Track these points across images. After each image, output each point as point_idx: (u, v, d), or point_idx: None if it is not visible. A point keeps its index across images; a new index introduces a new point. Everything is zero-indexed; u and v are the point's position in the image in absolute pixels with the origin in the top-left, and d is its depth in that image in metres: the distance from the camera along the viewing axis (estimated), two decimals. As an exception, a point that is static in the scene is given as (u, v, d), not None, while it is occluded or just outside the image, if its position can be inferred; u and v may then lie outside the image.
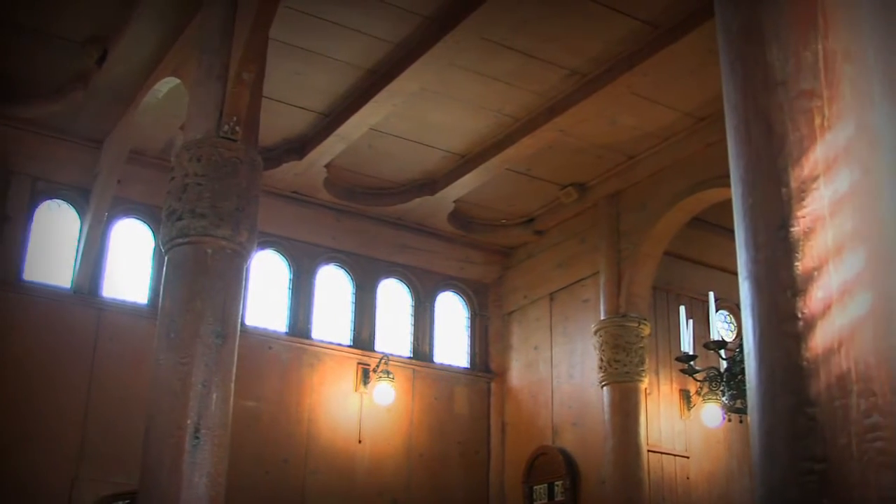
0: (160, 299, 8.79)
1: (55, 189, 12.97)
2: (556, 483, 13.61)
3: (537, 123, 12.24)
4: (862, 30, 3.90)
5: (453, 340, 15.46)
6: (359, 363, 14.14)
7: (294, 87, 11.83)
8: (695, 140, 12.40)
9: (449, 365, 15.14)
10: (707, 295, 11.45)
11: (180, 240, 8.68)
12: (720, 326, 14.06)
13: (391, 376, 13.95)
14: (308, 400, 13.67)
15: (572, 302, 14.25)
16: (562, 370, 14.16)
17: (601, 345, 13.08)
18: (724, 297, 13.51)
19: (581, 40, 10.85)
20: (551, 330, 14.49)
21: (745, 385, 3.90)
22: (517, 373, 15.01)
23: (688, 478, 13.73)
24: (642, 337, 13.10)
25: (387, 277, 15.07)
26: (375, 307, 14.79)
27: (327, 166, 13.38)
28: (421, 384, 14.66)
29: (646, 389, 13.17)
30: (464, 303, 15.71)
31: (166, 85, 11.00)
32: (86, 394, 12.25)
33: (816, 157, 3.70)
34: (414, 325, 15.13)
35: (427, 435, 14.49)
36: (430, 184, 13.92)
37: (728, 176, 4.06)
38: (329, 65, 11.41)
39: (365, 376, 14.04)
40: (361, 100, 11.87)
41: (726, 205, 4.07)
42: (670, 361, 13.49)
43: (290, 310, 14.10)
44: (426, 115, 12.36)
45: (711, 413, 13.49)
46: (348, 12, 10.50)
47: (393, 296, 15.12)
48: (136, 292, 13.09)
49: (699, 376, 11.61)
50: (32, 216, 12.77)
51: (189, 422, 8.05)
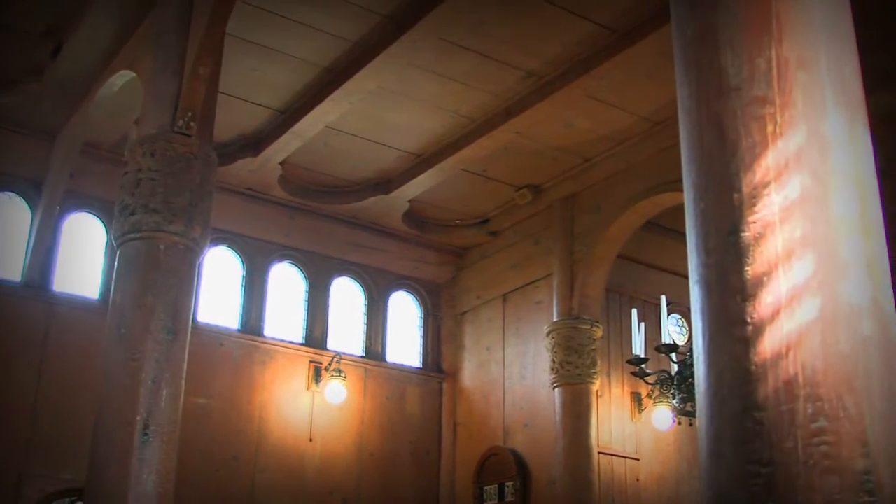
0: (111, 294, 8.72)
1: (7, 181, 12.84)
2: (507, 484, 13.64)
3: (493, 124, 12.26)
4: (815, 37, 3.92)
5: (406, 340, 15.46)
6: (311, 361, 14.10)
7: (250, 84, 11.78)
8: (650, 144, 12.46)
9: (401, 364, 15.13)
10: (659, 298, 11.52)
11: (132, 235, 8.63)
12: (672, 330, 14.15)
13: (343, 375, 13.93)
14: (259, 397, 13.62)
15: (525, 303, 14.28)
16: (514, 371, 14.19)
17: (553, 346, 13.11)
18: (677, 301, 13.61)
19: (538, 42, 10.88)
20: (504, 331, 14.52)
21: (695, 388, 3.93)
22: (469, 373, 15.02)
23: (638, 480, 13.79)
24: (594, 339, 13.15)
25: (340, 276, 15.04)
26: (328, 305, 14.76)
27: (282, 163, 13.33)
28: (373, 383, 14.65)
29: (597, 391, 13.22)
30: (417, 302, 15.71)
31: (121, 78, 10.92)
32: (35, 389, 12.13)
33: (768, 164, 3.73)
34: (367, 324, 15.11)
35: (378, 434, 14.47)
36: (385, 183, 13.90)
37: (682, 180, 4.08)
38: (286, 62, 11.37)
39: (317, 375, 14.01)
40: (318, 98, 11.84)
41: (680, 209, 4.09)
42: (622, 364, 13.56)
43: (243, 307, 14.04)
44: (382, 115, 12.35)
45: (662, 416, 13.57)
46: (306, 9, 10.47)
47: (346, 294, 15.09)
48: (88, 287, 12.98)
49: (650, 379, 11.68)
50: (-17, 208, 12.67)
51: (138, 418, 8.00)
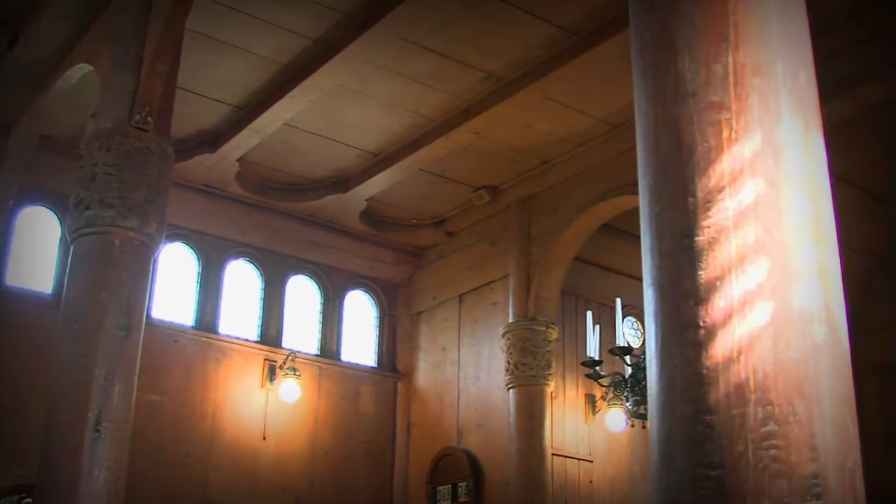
0: (64, 289, 8.66)
1: (-40, 174, 12.71)
2: (460, 484, 13.65)
3: (452, 125, 12.27)
4: (772, 45, 3.95)
5: (361, 339, 15.43)
6: (265, 359, 14.05)
7: (209, 80, 11.73)
8: (608, 147, 12.51)
9: (356, 364, 15.11)
10: (615, 301, 11.56)
11: (87, 230, 8.57)
12: (627, 333, 14.21)
13: (297, 373, 13.89)
14: (213, 395, 13.55)
15: (481, 304, 14.30)
16: (469, 372, 14.20)
17: (508, 347, 13.13)
18: (632, 304, 13.67)
19: (498, 44, 10.89)
20: (459, 331, 14.53)
21: (648, 391, 3.95)
22: (424, 373, 15.02)
23: (591, 481, 13.84)
24: (549, 341, 13.18)
25: (296, 274, 15.00)
26: (284, 303, 14.72)
27: (240, 160, 13.28)
28: (327, 382, 14.62)
29: (552, 393, 13.25)
30: (373, 302, 15.69)
31: (79, 71, 10.83)
32: (-15, 384, 12.02)
33: (723, 169, 3.75)
34: (322, 323, 15.08)
35: (332, 433, 14.45)
36: (343, 181, 13.88)
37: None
38: (245, 58, 11.33)
39: (271, 373, 13.96)
40: (277, 94, 11.80)
41: (636, 212, 4.11)
42: (577, 366, 13.59)
43: (198, 303, 13.97)
44: (341, 113, 12.33)
45: (615, 418, 13.63)
46: (267, 6, 10.44)
47: (302, 292, 15.05)
48: (41, 281, 12.86)
49: (604, 381, 11.72)
50: (-65, 201, 12.51)
51: (90, 414, 7.94)
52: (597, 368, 11.32)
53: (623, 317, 11.61)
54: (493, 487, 13.28)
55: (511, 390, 13.00)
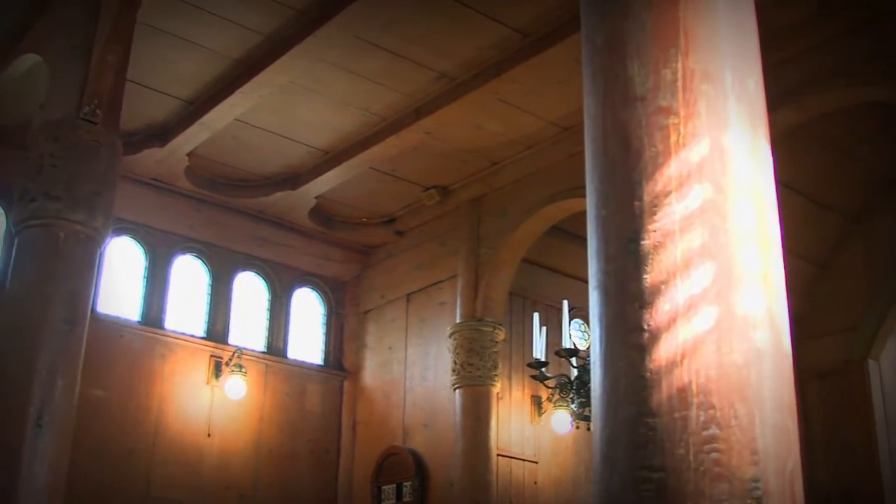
0: (8, 282, 8.58)
1: None
2: (405, 483, 13.63)
3: (403, 124, 12.26)
4: (721, 51, 3.98)
5: (308, 337, 15.37)
6: (211, 356, 13.96)
7: (160, 73, 11.63)
8: (558, 149, 12.54)
9: (302, 361, 15.05)
10: (562, 303, 11.59)
11: (32, 222, 8.50)
12: (574, 335, 14.24)
13: (243, 370, 13.82)
14: (158, 390, 13.45)
15: (429, 304, 14.29)
16: (415, 371, 14.19)
17: (455, 348, 13.14)
18: (580, 306, 13.68)
19: (452, 44, 10.90)
20: (407, 331, 14.51)
21: (591, 393, 3.96)
22: (371, 372, 14.99)
23: (535, 482, 13.87)
24: (497, 342, 13.21)
25: (244, 270, 14.92)
26: (231, 300, 14.63)
27: (189, 155, 13.18)
28: (273, 379, 14.55)
29: (498, 394, 13.28)
30: (321, 299, 15.65)
31: (27, 62, 10.71)
32: (-75, 375, 11.86)
33: (670, 174, 3.77)
34: (269, 320, 14.99)
35: (277, 431, 14.38)
36: (293, 178, 13.82)
37: (587, 186, 4.12)
38: (197, 52, 11.25)
39: (217, 369, 13.88)
40: (228, 90, 11.73)
41: (585, 215, 4.12)
42: (523, 367, 13.59)
43: (144, 298, 13.84)
44: (293, 110, 12.28)
45: (561, 420, 13.66)
46: (220, 1, 10.39)
47: (249, 289, 14.97)
48: (-16, 273, 12.73)
49: (550, 383, 11.74)
50: None
51: (31, 409, 7.88)
52: (543, 370, 11.33)
53: (570, 319, 11.61)
54: (438, 487, 13.28)
55: (457, 390, 13.01)
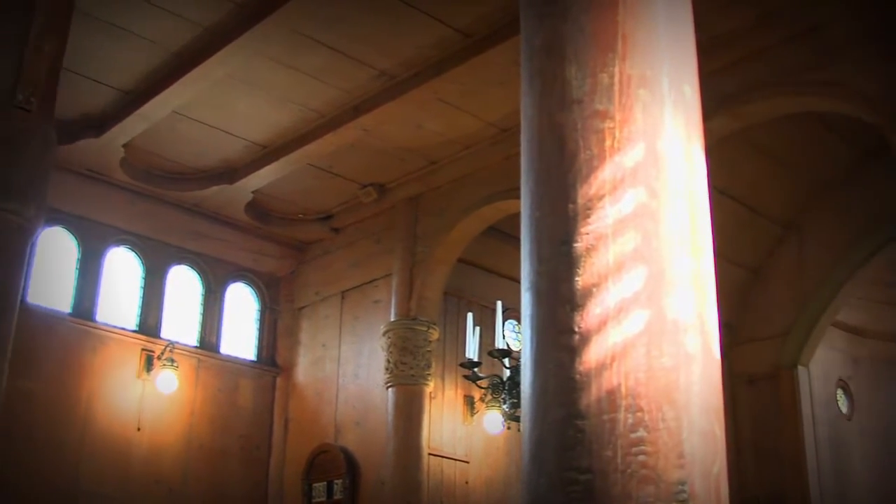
0: (-64, 270, 8.45)
1: None
2: (336, 481, 13.60)
3: (342, 121, 12.23)
4: (659, 57, 4.01)
5: (241, 332, 15.29)
6: (143, 349, 13.83)
7: (97, 62, 11.50)
8: (496, 150, 12.58)
9: (235, 357, 14.97)
10: (496, 303, 11.62)
11: (-37, 210, 8.37)
12: (508, 335, 14.28)
13: (175, 365, 13.71)
14: (88, 383, 13.30)
15: (364, 302, 14.27)
16: (348, 369, 14.16)
17: (389, 346, 13.13)
18: (514, 307, 13.69)
19: (392, 42, 10.89)
20: (341, 328, 14.48)
21: (521, 394, 3.97)
22: (303, 369, 14.94)
23: (467, 482, 13.89)
24: (430, 341, 13.22)
25: (178, 264, 14.81)
26: (164, 293, 14.51)
27: (126, 146, 13.05)
28: (205, 374, 14.46)
29: (430, 393, 13.29)
30: (255, 295, 15.57)
31: (-40, 48, 10.58)
32: None
33: (604, 177, 3.79)
34: (202, 315, 14.90)
35: (208, 426, 14.29)
36: (230, 172, 13.74)
37: (523, 188, 4.13)
38: (135, 42, 11.14)
39: (148, 363, 13.75)
40: (166, 81, 11.62)
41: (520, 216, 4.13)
42: (456, 367, 13.61)
43: (76, 290, 13.69)
44: (231, 103, 12.21)
45: (493, 420, 13.68)
46: (158, -9, 10.33)
47: (183, 283, 14.86)
48: (-88, 261, 12.51)
49: (482, 383, 11.78)
50: None
51: (-43, 399, 7.77)
52: (476, 370, 11.37)
53: (504, 320, 11.65)
54: (369, 486, 13.27)
55: (390, 389, 13.00)
